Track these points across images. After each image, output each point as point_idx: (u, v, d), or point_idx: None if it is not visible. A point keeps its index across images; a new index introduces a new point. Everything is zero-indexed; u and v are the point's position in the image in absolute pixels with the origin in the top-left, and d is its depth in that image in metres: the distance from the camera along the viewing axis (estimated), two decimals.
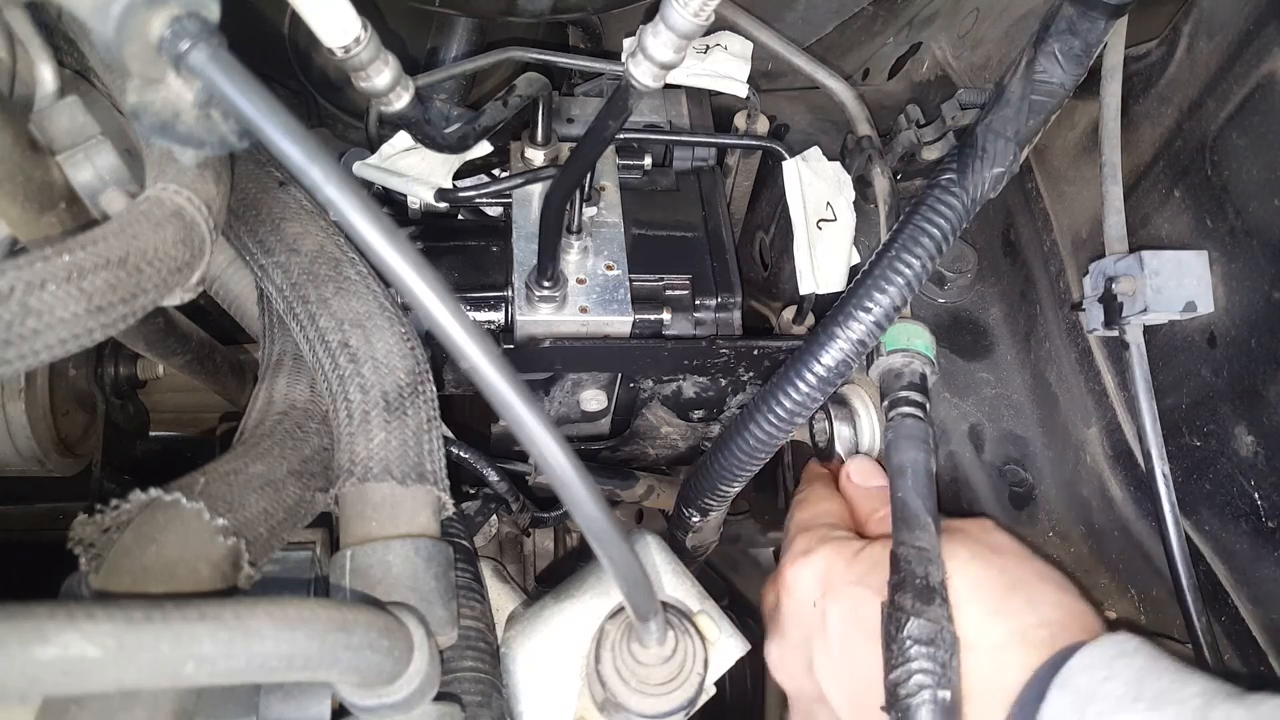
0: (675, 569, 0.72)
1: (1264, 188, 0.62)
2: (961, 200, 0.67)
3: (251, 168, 0.70)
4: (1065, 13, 0.67)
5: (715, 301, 0.83)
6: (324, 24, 0.53)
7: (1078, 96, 0.71)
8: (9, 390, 0.96)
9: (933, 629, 0.60)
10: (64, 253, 0.44)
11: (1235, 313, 0.65)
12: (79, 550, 0.51)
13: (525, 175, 0.86)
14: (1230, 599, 0.67)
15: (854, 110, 0.96)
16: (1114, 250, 0.72)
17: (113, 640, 0.34)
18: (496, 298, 0.83)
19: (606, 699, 0.61)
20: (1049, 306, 0.85)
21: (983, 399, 0.88)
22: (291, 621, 0.40)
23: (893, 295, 0.66)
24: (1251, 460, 0.64)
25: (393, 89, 0.61)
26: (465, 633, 0.62)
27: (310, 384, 0.66)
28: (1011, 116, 0.68)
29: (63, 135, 0.57)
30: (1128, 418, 0.75)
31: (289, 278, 0.66)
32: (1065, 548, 0.80)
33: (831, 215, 0.87)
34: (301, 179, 0.38)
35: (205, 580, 0.51)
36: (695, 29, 0.49)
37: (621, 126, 0.60)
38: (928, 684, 0.58)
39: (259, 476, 0.57)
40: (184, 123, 0.45)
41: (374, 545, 0.56)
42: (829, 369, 0.67)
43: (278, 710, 0.53)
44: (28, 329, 0.42)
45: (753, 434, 0.70)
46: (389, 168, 0.86)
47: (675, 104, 0.99)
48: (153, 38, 0.40)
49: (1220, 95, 0.67)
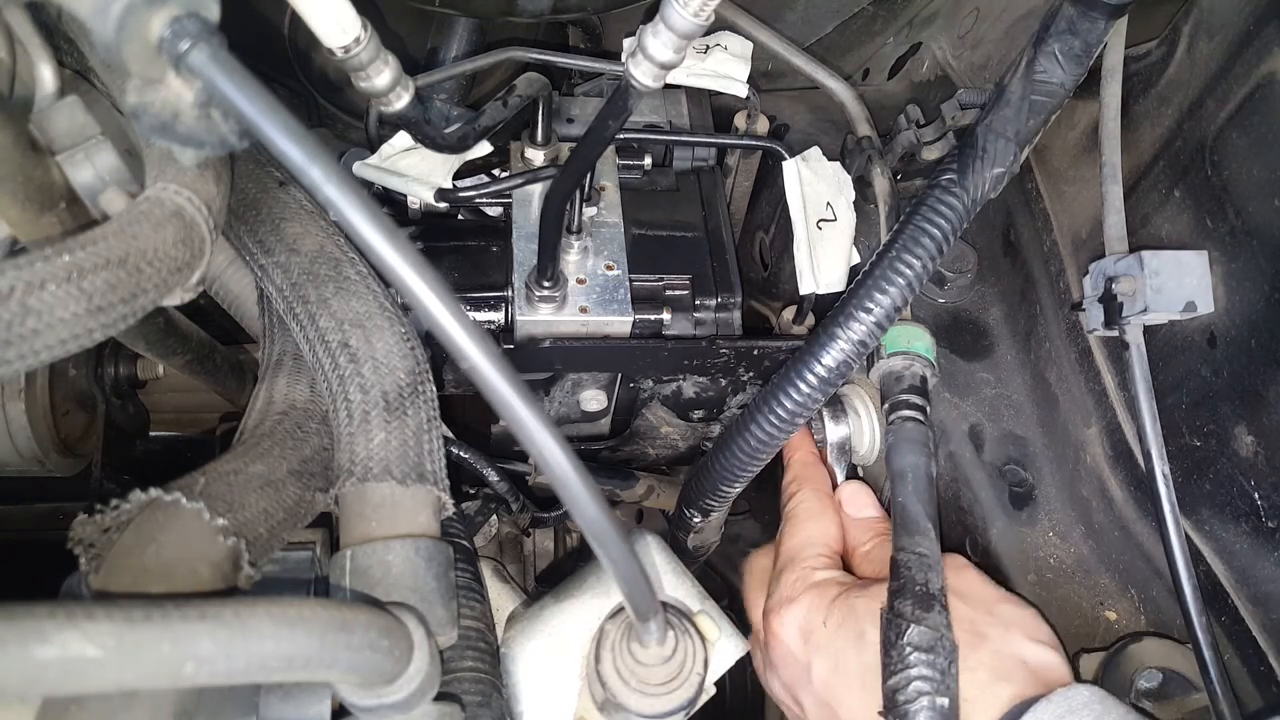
0: (675, 569, 0.72)
1: (1264, 188, 0.62)
2: (962, 200, 0.67)
3: (251, 168, 0.70)
4: (1065, 13, 0.67)
5: (715, 301, 0.83)
6: (324, 24, 0.53)
7: (1078, 96, 0.71)
8: (9, 390, 0.96)
9: (932, 636, 0.60)
10: (64, 253, 0.44)
11: (1235, 313, 0.65)
12: (79, 550, 0.51)
13: (525, 175, 0.86)
14: (1230, 599, 0.67)
15: (854, 110, 0.96)
16: (1114, 250, 0.72)
17: (113, 640, 0.34)
18: (496, 298, 0.83)
19: (606, 699, 0.61)
20: (1049, 306, 0.85)
21: (983, 399, 0.88)
22: (291, 621, 0.40)
23: (894, 296, 0.66)
24: (1251, 460, 0.64)
25: (392, 89, 0.61)
26: (465, 633, 0.62)
27: (310, 384, 0.66)
28: (1012, 117, 0.68)
29: (63, 135, 0.57)
30: (1128, 418, 0.75)
31: (289, 278, 0.66)
32: (1065, 548, 0.80)
33: (831, 215, 0.87)
34: (301, 179, 0.38)
35: (205, 580, 0.51)
36: (695, 29, 0.49)
37: (621, 127, 0.60)
38: (926, 690, 0.58)
39: (259, 476, 0.57)
40: (184, 123, 0.45)
41: (374, 545, 0.56)
42: (830, 370, 0.67)
43: (278, 710, 0.53)
44: (28, 329, 0.42)
45: (754, 434, 0.70)
46: (389, 168, 0.86)
47: (675, 104, 0.99)
48: (153, 38, 0.40)
49: (1220, 95, 0.67)
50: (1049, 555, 0.80)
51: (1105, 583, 0.78)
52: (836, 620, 0.68)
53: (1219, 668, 0.64)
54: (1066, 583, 0.79)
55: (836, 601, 0.69)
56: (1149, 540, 0.74)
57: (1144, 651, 0.70)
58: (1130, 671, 0.69)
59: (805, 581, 0.73)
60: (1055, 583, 0.79)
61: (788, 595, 0.72)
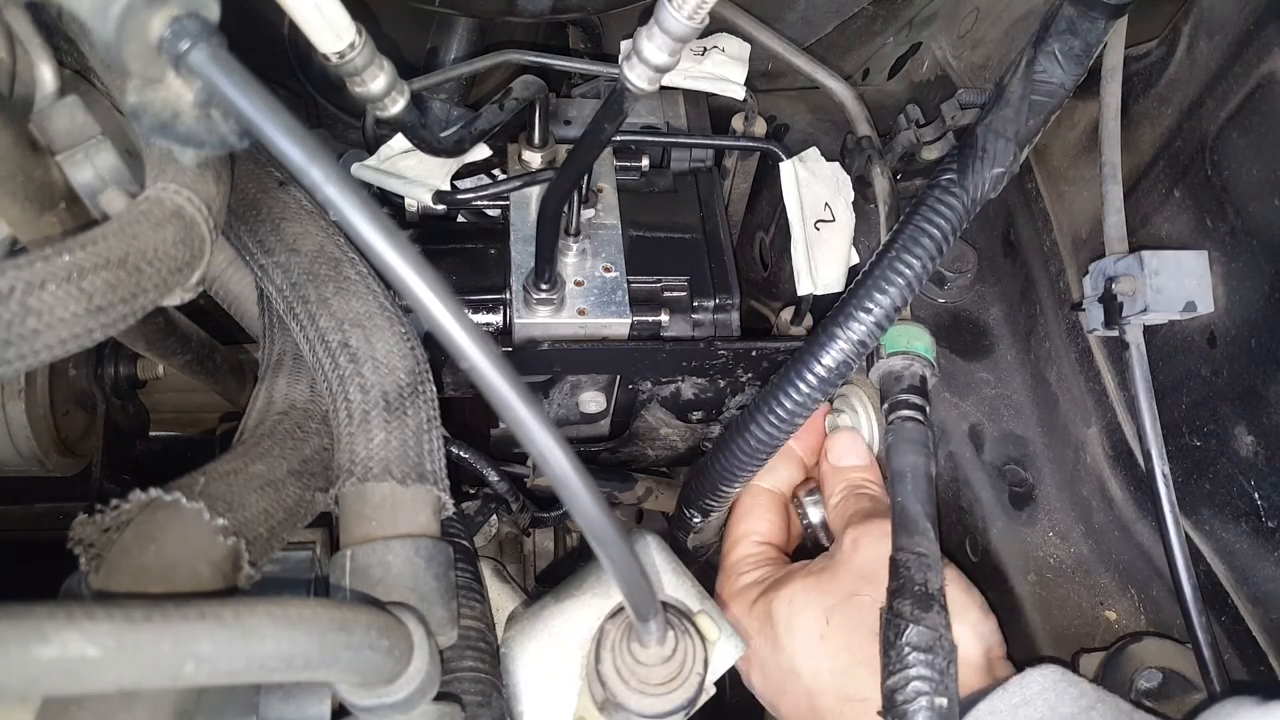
0: (675, 569, 0.72)
1: (1264, 188, 0.62)
2: (962, 200, 0.67)
3: (251, 168, 0.70)
4: (1065, 13, 0.67)
5: (713, 303, 0.83)
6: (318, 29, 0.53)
7: (1078, 96, 0.71)
8: (9, 390, 0.96)
9: (931, 636, 0.60)
10: (64, 253, 0.44)
11: (1235, 313, 0.65)
12: (79, 550, 0.51)
13: (522, 178, 0.86)
14: (1230, 599, 0.67)
15: (854, 110, 0.96)
16: (1114, 250, 0.72)
17: (113, 640, 0.34)
18: (495, 300, 0.83)
19: (606, 699, 0.61)
20: (1049, 306, 0.85)
21: (983, 399, 0.88)
22: (291, 621, 0.40)
23: (893, 296, 0.66)
24: (1251, 460, 0.64)
25: (387, 94, 0.61)
26: (465, 633, 0.62)
27: (310, 384, 0.66)
28: (1011, 116, 0.68)
29: (63, 135, 0.57)
30: (1128, 418, 0.75)
31: (289, 278, 0.66)
32: (1065, 548, 0.80)
33: (830, 216, 0.87)
34: (301, 179, 0.38)
35: (205, 580, 0.51)
36: (689, 32, 0.49)
37: (617, 130, 0.59)
38: (925, 690, 0.58)
39: (259, 476, 0.57)
40: (184, 123, 0.45)
41: (374, 545, 0.56)
42: (830, 370, 0.67)
43: (278, 710, 0.53)
44: (28, 329, 0.42)
45: (753, 434, 0.70)
46: (387, 169, 0.86)
47: (673, 105, 0.99)
48: (153, 38, 0.40)
49: (1220, 95, 0.67)
50: (1049, 555, 0.80)
51: (1105, 583, 0.78)
52: (755, 627, 0.72)
53: (1219, 668, 0.64)
54: (1066, 583, 0.79)
55: (755, 607, 0.72)
56: (1149, 540, 0.74)
57: (1144, 651, 0.70)
58: (1130, 671, 0.69)
59: (731, 589, 0.76)
60: (1055, 583, 0.79)
61: (722, 602, 0.76)
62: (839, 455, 0.79)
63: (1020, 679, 0.60)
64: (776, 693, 0.70)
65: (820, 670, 0.67)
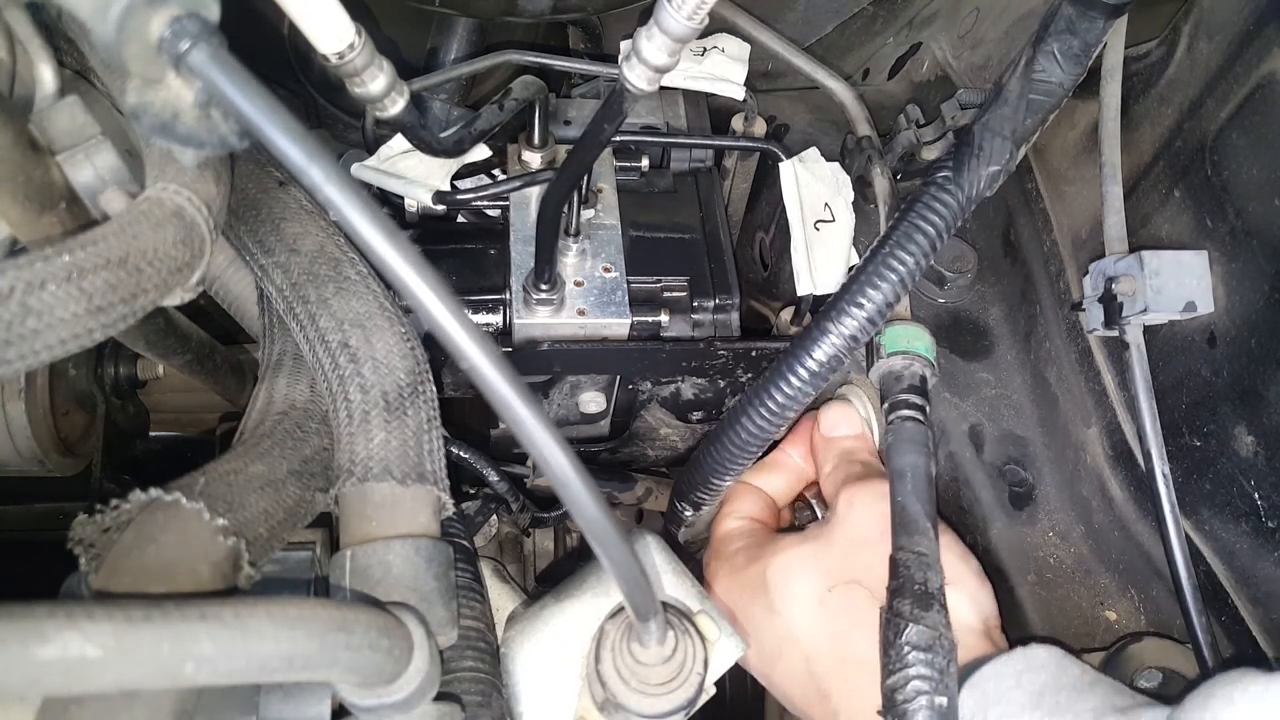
0: (675, 569, 0.72)
1: (1264, 188, 0.62)
2: (957, 198, 0.67)
3: (251, 168, 0.70)
4: (1064, 12, 0.67)
5: (713, 303, 0.83)
6: (317, 30, 0.53)
7: (1078, 96, 0.71)
8: (9, 390, 0.96)
9: (931, 635, 0.60)
10: (64, 253, 0.44)
11: (1235, 313, 0.65)
12: (79, 550, 0.51)
13: (522, 178, 0.86)
14: (1230, 599, 0.67)
15: (854, 110, 0.96)
16: (1114, 250, 0.72)
17: (113, 640, 0.34)
18: (494, 301, 0.83)
19: (606, 699, 0.61)
20: (1049, 306, 0.85)
21: (983, 399, 0.88)
22: (291, 621, 0.40)
23: (886, 291, 0.66)
24: (1251, 460, 0.64)
25: (387, 95, 0.61)
26: (465, 633, 0.62)
27: (310, 384, 0.66)
28: (1009, 115, 0.68)
29: (63, 135, 0.57)
30: (1128, 418, 0.75)
31: (289, 278, 0.66)
32: (1065, 548, 0.80)
33: (829, 216, 0.87)
34: (301, 179, 0.38)
35: (205, 580, 0.51)
36: (689, 32, 0.48)
37: (617, 130, 0.59)
38: (925, 690, 0.58)
39: (259, 476, 0.57)
40: (184, 123, 0.45)
41: (374, 545, 0.56)
42: (821, 364, 0.67)
43: (278, 710, 0.53)
44: (28, 329, 0.42)
45: (744, 428, 0.70)
46: (387, 169, 0.86)
47: (673, 106, 0.99)
48: (153, 38, 0.40)
49: (1220, 95, 0.67)
50: (1049, 555, 0.80)
51: (1105, 583, 0.78)
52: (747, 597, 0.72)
53: (1219, 668, 0.64)
54: (1066, 583, 0.79)
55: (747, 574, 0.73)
56: (1149, 540, 0.74)
57: (1144, 651, 0.70)
58: (1130, 671, 0.69)
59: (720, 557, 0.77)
60: (1055, 583, 0.79)
61: (711, 574, 0.77)
62: (830, 426, 0.79)
63: (1025, 648, 0.60)
64: (770, 660, 0.70)
65: (820, 635, 0.66)
